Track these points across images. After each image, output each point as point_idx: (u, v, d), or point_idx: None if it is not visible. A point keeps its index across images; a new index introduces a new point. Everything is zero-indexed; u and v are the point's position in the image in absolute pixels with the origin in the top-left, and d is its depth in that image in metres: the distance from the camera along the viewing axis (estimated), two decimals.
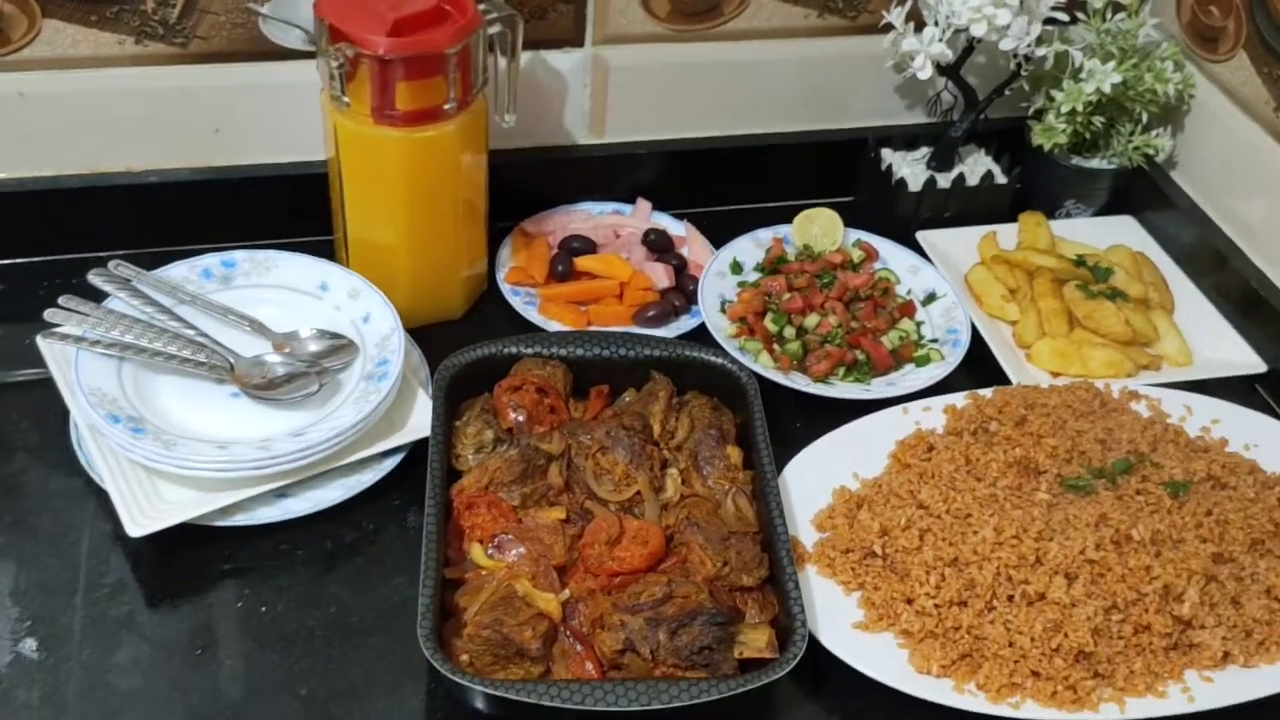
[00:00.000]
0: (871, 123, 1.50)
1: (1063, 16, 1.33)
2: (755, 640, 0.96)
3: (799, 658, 0.92)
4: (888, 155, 1.48)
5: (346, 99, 1.13)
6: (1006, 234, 1.45)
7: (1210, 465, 1.13)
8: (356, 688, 0.97)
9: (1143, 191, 1.48)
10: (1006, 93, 1.42)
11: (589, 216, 1.42)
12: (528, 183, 1.42)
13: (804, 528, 1.09)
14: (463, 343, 1.17)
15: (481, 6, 1.20)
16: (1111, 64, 1.35)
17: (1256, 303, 1.32)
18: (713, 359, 1.16)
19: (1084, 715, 0.96)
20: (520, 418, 1.11)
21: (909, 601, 1.01)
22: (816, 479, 1.13)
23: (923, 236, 1.42)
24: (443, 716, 0.97)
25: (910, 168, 1.47)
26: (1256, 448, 1.19)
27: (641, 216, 1.43)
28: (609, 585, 1.00)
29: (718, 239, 1.40)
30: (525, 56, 1.33)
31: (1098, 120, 1.41)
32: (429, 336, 1.25)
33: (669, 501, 1.08)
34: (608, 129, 1.43)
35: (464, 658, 0.95)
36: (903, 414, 1.20)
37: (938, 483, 1.10)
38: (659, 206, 1.45)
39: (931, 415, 1.20)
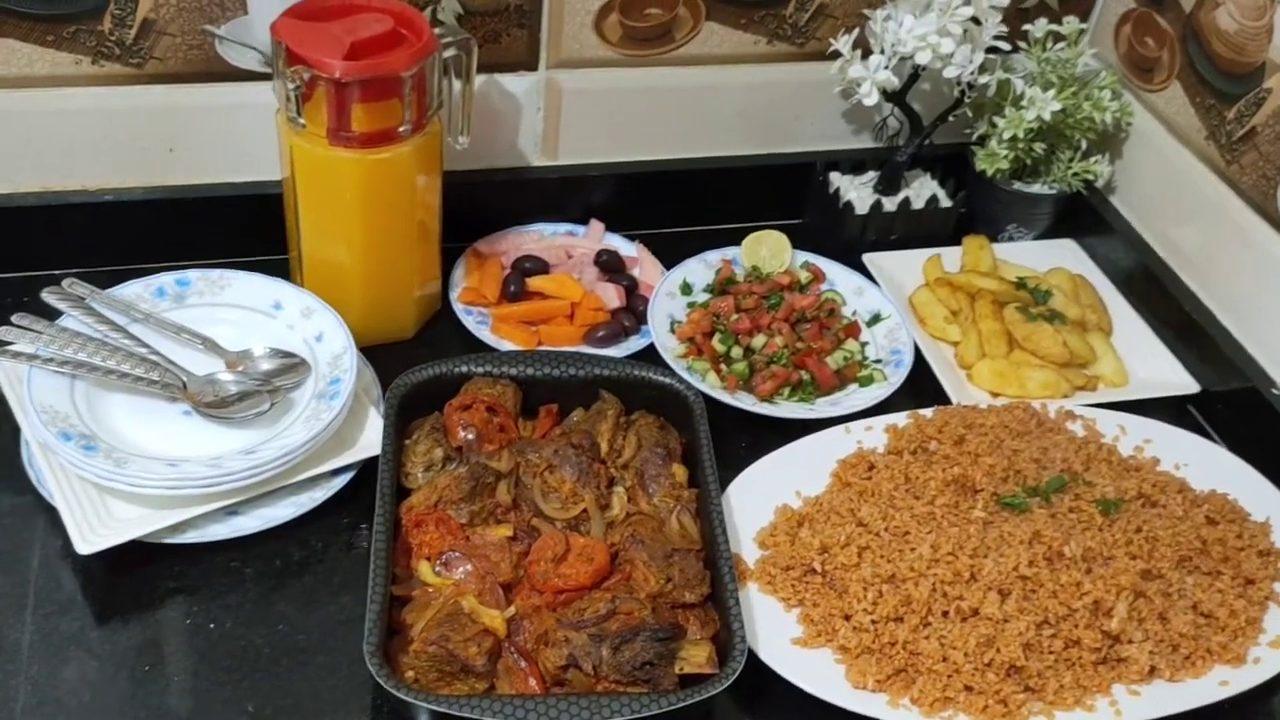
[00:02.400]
0: (820, 147, 1.53)
1: (1004, 46, 1.37)
2: (696, 656, 0.98)
3: (738, 673, 0.95)
4: (835, 179, 1.52)
5: (302, 120, 1.15)
6: (951, 256, 1.48)
7: (1141, 484, 1.16)
8: (303, 705, 0.98)
9: (1083, 216, 1.52)
10: (951, 119, 1.46)
11: (541, 237, 1.44)
12: (481, 204, 1.44)
13: (747, 545, 1.12)
14: (415, 362, 1.18)
15: (437, 30, 1.22)
16: (1051, 92, 1.39)
17: (1189, 325, 1.36)
18: (660, 378, 1.19)
19: None
20: (470, 436, 1.13)
21: (846, 618, 1.04)
22: (760, 497, 1.15)
23: (869, 259, 1.46)
24: None
25: (857, 191, 1.50)
26: (1186, 467, 1.23)
27: (594, 237, 1.45)
28: (554, 602, 1.02)
29: (669, 260, 1.43)
30: (479, 80, 1.36)
31: (1038, 146, 1.45)
32: (381, 356, 1.27)
33: (614, 519, 1.11)
34: (560, 151, 1.45)
35: (409, 674, 0.96)
36: (845, 433, 1.23)
37: (877, 501, 1.13)
38: (612, 228, 1.47)
39: (873, 434, 1.23)
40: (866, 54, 1.38)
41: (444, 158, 1.28)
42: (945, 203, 1.50)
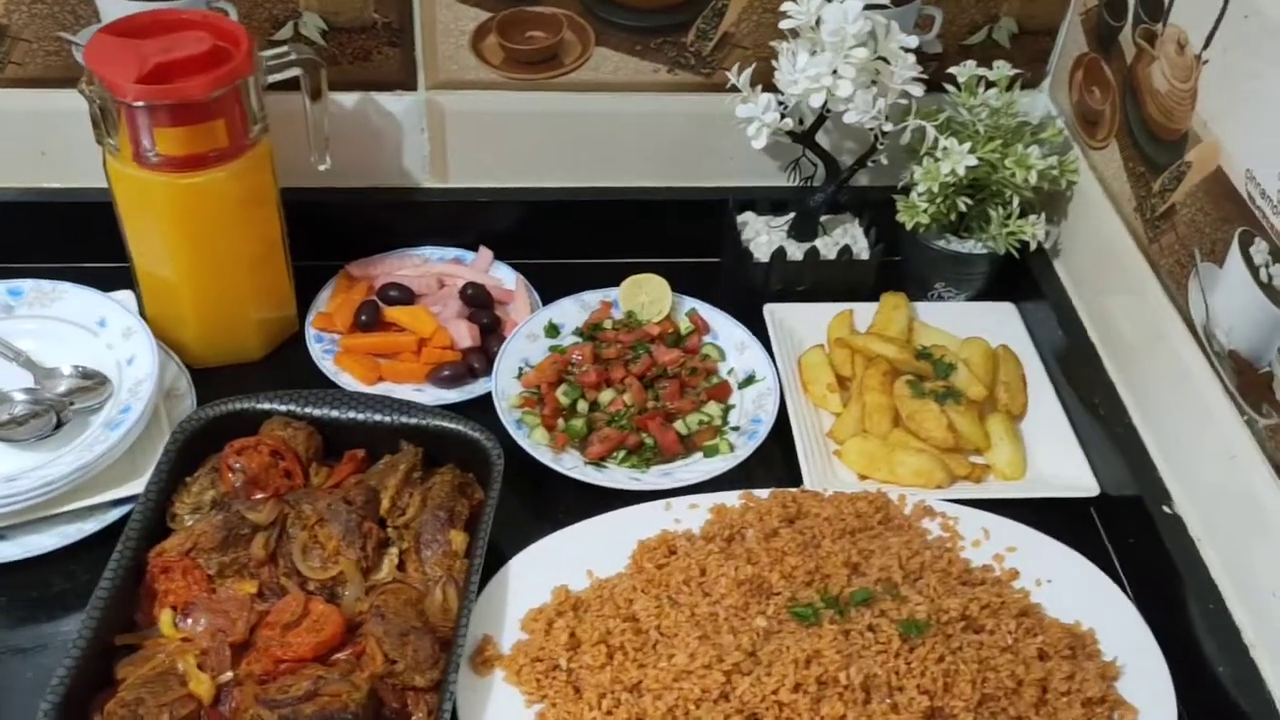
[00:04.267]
0: (742, 182, 1.42)
1: (916, 90, 1.23)
2: None
3: None
4: (749, 220, 1.40)
5: (113, 142, 1.12)
6: (866, 314, 1.36)
7: (969, 604, 1.03)
8: None
9: (1022, 279, 1.37)
10: (869, 164, 1.33)
11: (424, 262, 1.38)
12: (368, 222, 1.39)
13: (511, 626, 1.04)
14: (254, 387, 1.15)
15: (281, 49, 1.17)
16: (967, 145, 1.25)
17: (1097, 418, 1.21)
18: (464, 431, 1.11)
19: None
20: (238, 481, 1.08)
21: None
22: (547, 573, 1.07)
23: (769, 310, 1.34)
24: None
25: (771, 234, 1.38)
26: (1048, 584, 1.09)
27: (480, 266, 1.38)
28: (274, 672, 0.97)
29: (565, 291, 1.35)
30: (353, 97, 1.31)
31: (962, 201, 1.30)
32: (222, 378, 1.24)
33: (380, 583, 1.05)
34: (450, 173, 1.38)
35: None
36: (665, 509, 1.13)
37: (661, 592, 1.03)
38: (510, 255, 1.40)
39: (697, 514, 1.13)
40: (770, 89, 1.26)
41: (324, 173, 1.25)
42: (863, 254, 1.37)
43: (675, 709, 0.94)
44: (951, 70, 1.28)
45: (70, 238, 1.33)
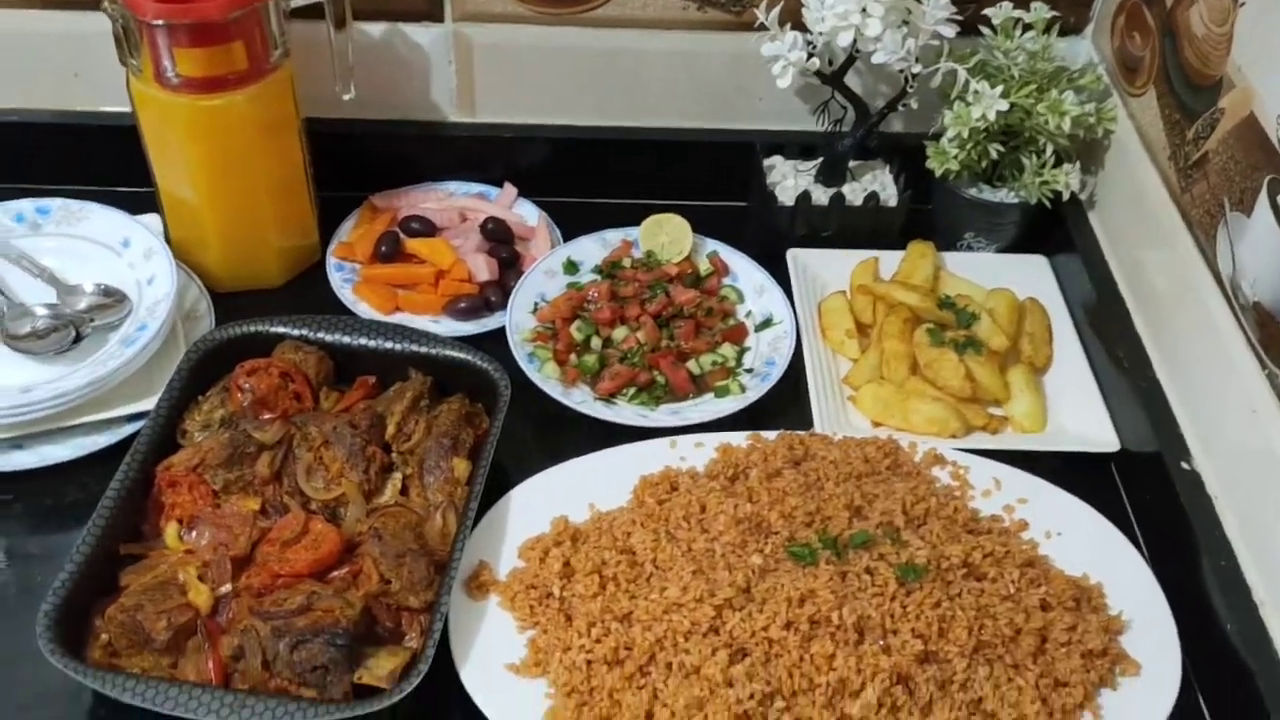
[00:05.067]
0: (771, 126, 1.40)
1: (947, 31, 1.20)
2: (379, 668, 0.92)
3: (404, 694, 0.88)
4: (777, 163, 1.38)
5: (135, 62, 1.13)
6: (892, 261, 1.33)
7: (971, 552, 1.01)
8: (21, 654, 0.96)
9: (1056, 230, 1.33)
10: (900, 108, 1.30)
11: (447, 195, 1.38)
12: (394, 154, 1.39)
13: (509, 554, 1.04)
14: (273, 313, 1.16)
15: None
16: (999, 89, 1.21)
17: (1122, 371, 1.18)
18: (474, 361, 1.12)
19: None
20: (246, 401, 1.09)
21: (566, 650, 0.95)
22: (549, 503, 1.07)
23: (792, 255, 1.33)
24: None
25: (798, 179, 1.36)
26: (1059, 536, 1.07)
27: (504, 202, 1.38)
28: (272, 586, 0.98)
29: (588, 230, 1.34)
30: (380, 27, 1.31)
31: (994, 148, 1.27)
32: (242, 303, 1.25)
33: (382, 507, 1.05)
34: (478, 108, 1.38)
35: (104, 637, 0.95)
36: (670, 447, 1.12)
37: (660, 527, 1.03)
38: (534, 192, 1.40)
39: (703, 452, 1.12)
40: (800, 28, 1.24)
41: (348, 104, 1.25)
42: (891, 201, 1.35)
43: (663, 639, 0.93)
44: (987, 12, 1.25)
45: (102, 159, 1.35)
